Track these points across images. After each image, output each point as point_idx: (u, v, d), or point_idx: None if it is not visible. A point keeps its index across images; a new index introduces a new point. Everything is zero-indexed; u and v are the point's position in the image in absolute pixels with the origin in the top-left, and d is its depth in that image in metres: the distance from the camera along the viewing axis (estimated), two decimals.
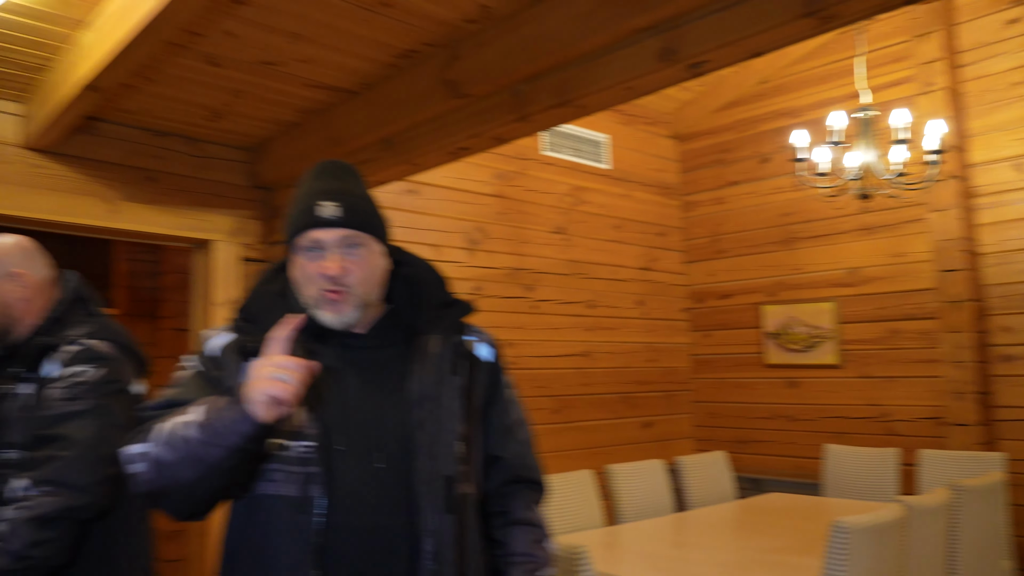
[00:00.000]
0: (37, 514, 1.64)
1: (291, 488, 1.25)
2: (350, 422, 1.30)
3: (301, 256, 1.34)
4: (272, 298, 1.41)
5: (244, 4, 2.40)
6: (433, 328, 1.40)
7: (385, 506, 1.27)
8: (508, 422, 1.48)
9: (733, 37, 2.06)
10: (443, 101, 2.71)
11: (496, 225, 4.86)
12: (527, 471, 1.48)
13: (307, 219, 1.32)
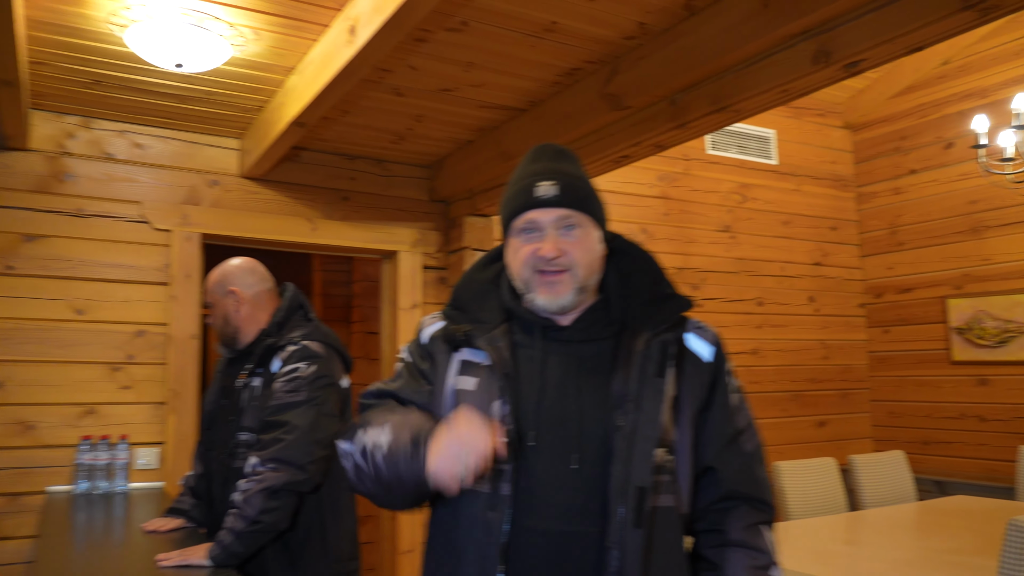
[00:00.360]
0: (266, 486, 1.97)
1: (483, 484, 1.22)
2: (546, 419, 1.25)
3: (516, 238, 1.32)
4: (483, 286, 1.40)
5: (424, 41, 2.69)
6: (644, 324, 1.31)
7: (575, 511, 1.21)
8: (729, 430, 1.34)
9: (889, 35, 2.09)
10: (604, 114, 2.88)
11: (660, 226, 4.96)
12: (749, 487, 1.33)
13: (524, 200, 1.30)
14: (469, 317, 1.34)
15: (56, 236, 3.35)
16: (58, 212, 3.37)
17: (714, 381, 1.34)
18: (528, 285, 1.31)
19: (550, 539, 1.20)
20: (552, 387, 1.27)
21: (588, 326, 1.32)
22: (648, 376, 1.26)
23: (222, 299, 2.34)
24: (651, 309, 1.32)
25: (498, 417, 1.23)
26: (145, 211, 3.52)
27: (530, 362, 1.29)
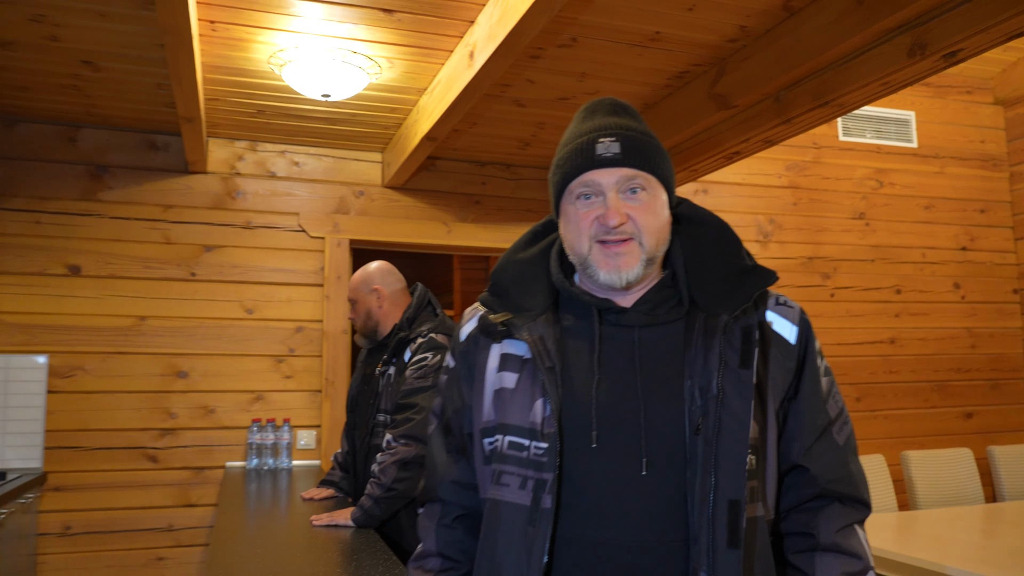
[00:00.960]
0: (398, 458, 2.28)
1: (523, 496, 1.08)
2: (604, 417, 1.08)
3: (572, 206, 1.14)
4: (526, 268, 1.22)
5: (539, 58, 2.93)
6: (721, 304, 1.11)
7: (647, 521, 1.04)
8: (820, 422, 1.15)
9: (983, 25, 2.11)
10: (713, 113, 3.00)
11: (789, 216, 4.95)
12: (843, 485, 1.15)
13: (581, 159, 1.13)
14: (510, 304, 1.17)
15: (229, 246, 3.86)
16: (230, 225, 3.88)
17: (802, 365, 1.16)
18: (587, 259, 1.13)
19: (617, 553, 1.04)
20: (612, 380, 1.09)
21: (653, 307, 1.14)
22: (731, 368, 1.06)
23: (366, 296, 2.68)
24: (728, 285, 1.12)
25: (539, 420, 1.08)
26: (302, 221, 3.98)
27: (584, 352, 1.12)
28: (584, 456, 1.07)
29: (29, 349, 3.57)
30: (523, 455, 1.09)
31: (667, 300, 1.14)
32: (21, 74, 3.09)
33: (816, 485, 1.14)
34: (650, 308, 1.14)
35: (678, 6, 2.53)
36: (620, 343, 1.12)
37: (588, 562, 1.05)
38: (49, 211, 3.64)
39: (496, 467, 1.12)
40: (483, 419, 1.16)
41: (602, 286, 1.13)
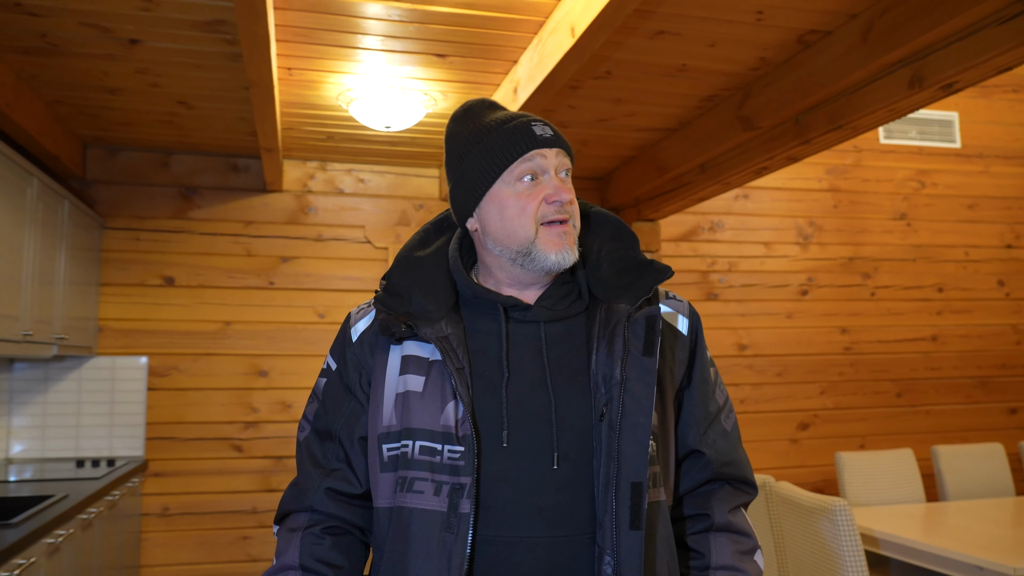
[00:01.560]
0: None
1: (438, 502, 1.04)
2: (516, 416, 1.07)
3: (510, 188, 1.10)
4: (425, 267, 1.18)
5: (577, 88, 3.23)
6: (621, 295, 1.12)
7: (560, 517, 1.04)
8: (711, 409, 1.19)
9: (975, 61, 2.32)
10: (740, 133, 3.25)
11: (829, 218, 5.13)
12: (734, 468, 1.19)
13: (523, 141, 1.09)
14: (412, 304, 1.13)
15: (303, 257, 4.28)
16: (304, 238, 4.29)
17: (693, 355, 1.19)
18: (532, 244, 1.10)
19: (535, 552, 1.03)
20: (520, 378, 1.08)
21: (556, 302, 1.13)
22: (635, 355, 1.07)
23: None
24: (628, 278, 1.14)
25: (452, 422, 1.05)
26: (368, 233, 4.37)
27: (490, 351, 1.10)
28: (497, 456, 1.05)
29: (131, 351, 4.05)
30: (435, 459, 1.05)
31: (567, 295, 1.15)
32: (125, 113, 3.54)
33: (711, 469, 1.17)
34: (553, 303, 1.13)
35: (700, 43, 2.80)
36: (526, 339, 1.11)
37: (506, 562, 1.03)
38: (146, 229, 4.11)
39: (403, 474, 1.06)
40: (383, 424, 1.10)
41: (544, 271, 1.11)
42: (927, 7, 2.25)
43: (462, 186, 1.14)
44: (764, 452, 4.83)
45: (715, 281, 4.87)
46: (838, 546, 2.48)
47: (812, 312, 5.00)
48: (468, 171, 1.13)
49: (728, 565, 1.13)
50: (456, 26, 2.70)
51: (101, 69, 3.00)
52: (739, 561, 1.14)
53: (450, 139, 1.18)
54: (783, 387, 4.92)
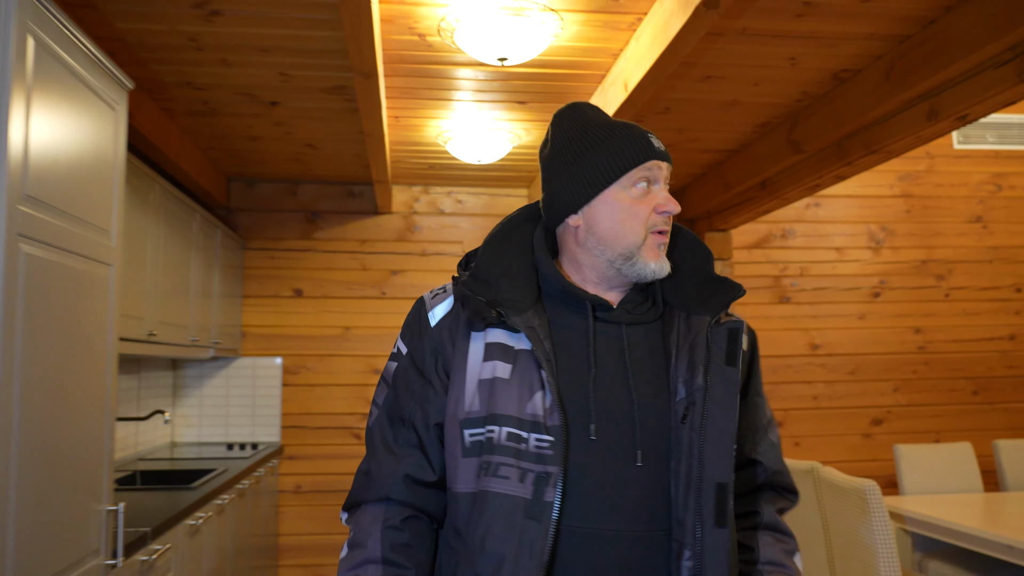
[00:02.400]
0: None
1: (523, 488, 1.06)
2: (601, 411, 1.10)
3: (626, 193, 1.13)
4: (512, 258, 1.19)
5: (642, 120, 3.69)
6: (700, 307, 1.17)
7: (639, 513, 1.08)
8: (763, 422, 1.26)
9: (983, 96, 2.64)
10: (790, 156, 3.63)
11: (902, 223, 5.35)
12: (782, 477, 1.26)
13: (642, 149, 1.13)
14: (500, 293, 1.15)
15: (410, 269, 4.90)
16: (410, 253, 4.91)
17: (751, 370, 1.26)
18: (637, 250, 1.14)
19: (617, 546, 1.06)
20: (604, 375, 1.12)
21: (635, 307, 1.18)
22: (717, 364, 1.12)
23: None
24: (706, 291, 1.19)
25: (540, 411, 1.07)
26: (465, 247, 4.95)
27: (574, 346, 1.14)
28: (583, 449, 1.07)
29: (269, 353, 4.77)
30: (521, 447, 1.06)
31: (644, 301, 1.19)
32: (263, 154, 4.25)
33: (765, 476, 1.23)
34: (633, 307, 1.17)
35: (745, 83, 3.21)
36: (609, 339, 1.14)
37: (586, 554, 1.05)
38: (279, 248, 4.83)
39: (488, 459, 1.08)
40: (465, 409, 1.12)
41: (639, 278, 1.15)
42: (937, 52, 2.60)
43: (575, 181, 1.14)
44: (837, 446, 5.12)
45: (787, 285, 5.19)
46: (869, 523, 2.85)
47: (885, 313, 5.24)
48: (585, 168, 1.14)
49: (775, 561, 1.19)
50: (533, 80, 3.22)
51: (246, 124, 3.69)
52: (785, 559, 1.20)
53: (561, 136, 1.19)
54: (856, 384, 5.19)
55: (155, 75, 3.09)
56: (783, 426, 5.09)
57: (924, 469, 3.97)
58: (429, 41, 2.85)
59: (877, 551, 2.84)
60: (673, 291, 1.19)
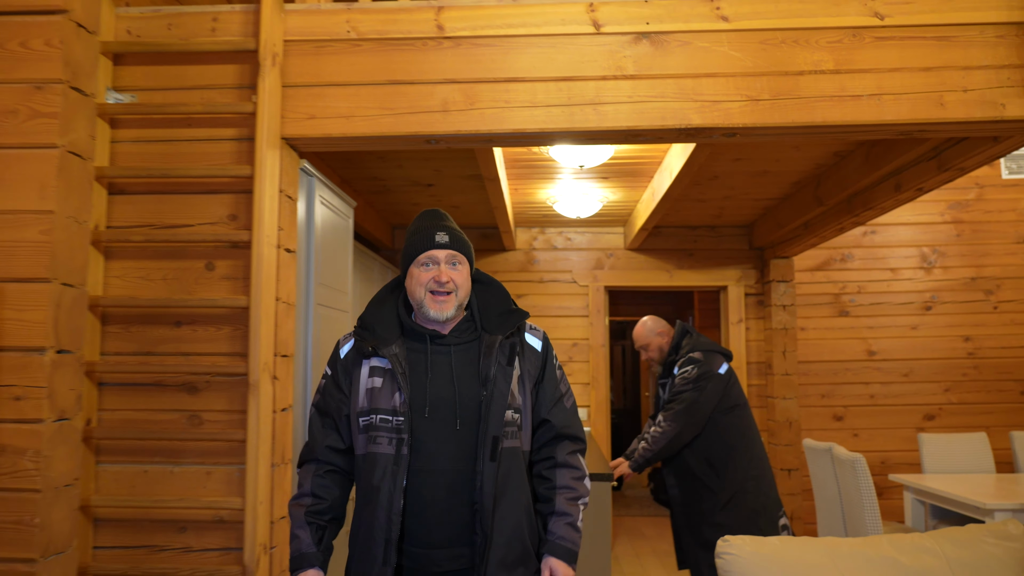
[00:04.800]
0: (663, 431, 3.71)
1: (390, 448, 1.76)
2: (434, 398, 1.78)
3: (418, 268, 1.83)
4: (382, 312, 1.90)
5: (699, 185, 4.87)
6: (497, 329, 1.85)
7: (458, 456, 1.77)
8: (555, 395, 1.93)
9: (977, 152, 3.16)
10: (816, 207, 4.70)
11: (952, 245, 6.17)
12: (569, 429, 1.92)
13: (427, 243, 1.83)
14: (375, 335, 1.83)
15: (531, 294, 6.25)
16: (530, 281, 6.27)
17: (544, 363, 1.93)
18: (422, 303, 1.81)
19: (441, 476, 1.76)
20: (437, 377, 1.80)
21: (461, 333, 1.86)
22: (501, 365, 1.81)
23: (656, 339, 3.67)
24: (501, 319, 1.88)
25: (398, 404, 1.77)
26: (574, 276, 6.26)
27: (420, 362, 1.82)
28: (422, 423, 1.78)
29: None
30: (388, 425, 1.76)
31: (468, 329, 1.88)
32: (419, 208, 5.71)
33: (554, 430, 1.91)
34: (459, 334, 1.87)
35: (768, 161, 4.34)
36: (441, 355, 1.84)
37: (427, 483, 1.76)
38: None
39: (371, 434, 1.79)
40: (359, 406, 1.84)
41: (431, 321, 1.83)
42: (890, 147, 3.65)
43: (400, 261, 1.91)
44: (892, 438, 6.03)
45: (846, 301, 6.15)
46: (856, 483, 3.93)
47: (936, 324, 6.10)
48: (403, 253, 1.89)
49: (565, 485, 1.88)
50: (610, 167, 4.50)
51: (409, 195, 5.17)
52: (572, 483, 1.89)
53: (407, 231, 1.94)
54: (909, 385, 6.07)
55: (349, 179, 4.60)
56: (843, 420, 6.05)
57: (942, 454, 4.90)
58: (534, 151, 4.19)
59: (863, 504, 3.93)
60: (486, 320, 1.89)
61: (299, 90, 2.65)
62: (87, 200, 2.24)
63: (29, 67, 2.12)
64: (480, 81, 2.64)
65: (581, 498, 1.88)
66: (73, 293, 2.18)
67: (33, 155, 2.10)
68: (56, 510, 2.12)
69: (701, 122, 2.59)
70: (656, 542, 6.36)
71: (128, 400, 2.61)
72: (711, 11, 2.63)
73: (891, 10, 2.61)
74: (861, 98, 2.58)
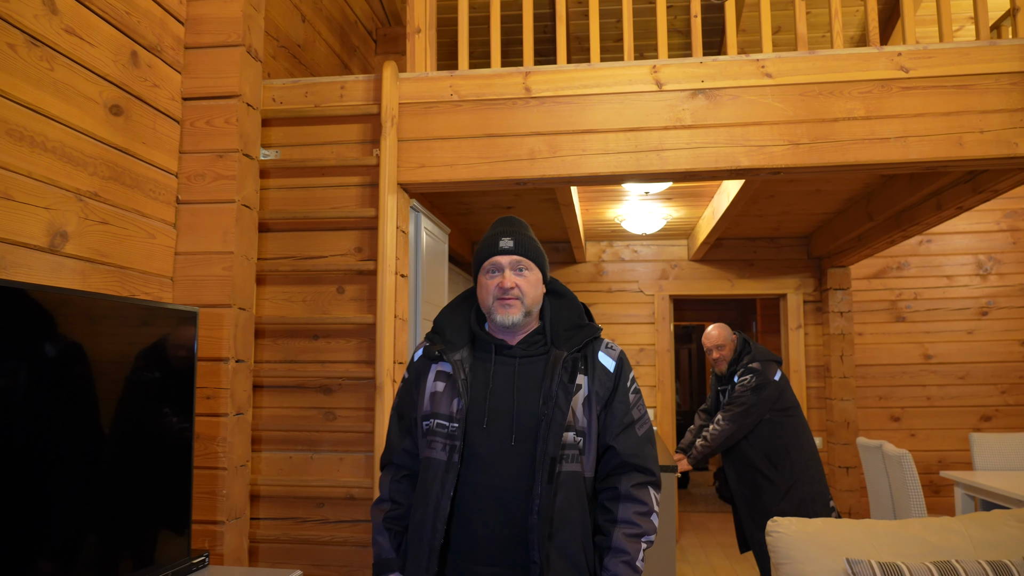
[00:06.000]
0: (720, 429, 4.25)
1: (443, 454, 1.72)
2: (492, 410, 1.73)
3: (484, 277, 1.80)
4: (455, 318, 1.88)
5: (756, 203, 5.28)
6: (565, 344, 1.77)
7: (512, 472, 1.69)
8: (625, 420, 1.79)
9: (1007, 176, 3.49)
10: (867, 221, 5.06)
11: (1008, 252, 6.41)
12: (637, 459, 1.76)
13: (491, 249, 1.79)
14: (443, 339, 1.83)
15: (600, 303, 6.74)
16: (600, 291, 6.75)
17: (616, 384, 1.80)
18: (490, 308, 1.77)
19: (491, 491, 1.69)
20: (499, 388, 1.75)
21: (528, 346, 1.80)
22: (563, 382, 1.72)
23: (729, 343, 4.04)
24: (571, 334, 1.79)
25: (454, 410, 1.74)
26: (640, 286, 6.72)
27: (484, 371, 1.78)
28: (478, 433, 1.72)
29: None
30: (444, 431, 1.74)
31: (537, 342, 1.81)
32: None
33: (620, 458, 1.77)
34: (526, 346, 1.81)
35: (821, 181, 4.74)
36: (506, 367, 1.78)
37: (478, 496, 1.70)
38: None
39: (428, 438, 1.77)
40: (423, 410, 1.81)
41: (499, 326, 1.78)
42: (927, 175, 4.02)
43: (472, 271, 1.87)
44: (949, 438, 6.30)
45: (903, 307, 6.45)
46: (903, 476, 4.30)
47: (992, 329, 6.34)
48: (473, 262, 1.86)
49: (626, 519, 1.72)
50: (675, 188, 4.96)
51: (491, 216, 5.72)
52: (635, 517, 1.72)
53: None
54: (966, 388, 6.33)
55: (438, 204, 5.18)
56: (900, 420, 6.35)
57: (993, 452, 5.19)
58: None
59: (909, 496, 4.30)
60: (555, 335, 1.81)
61: (411, 144, 3.21)
62: (254, 241, 2.84)
63: (213, 140, 2.72)
64: (561, 133, 3.15)
65: (645, 536, 1.73)
66: (245, 315, 2.78)
67: (217, 208, 2.70)
68: (235, 484, 2.71)
69: (749, 163, 3.05)
70: (720, 535, 6.77)
71: (276, 399, 3.21)
72: (757, 69, 3.09)
73: (915, 63, 3.03)
74: (889, 140, 3.01)
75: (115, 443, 1.98)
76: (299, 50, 4.17)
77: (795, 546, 2.87)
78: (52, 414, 1.75)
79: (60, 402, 1.78)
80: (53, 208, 2.10)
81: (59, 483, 1.77)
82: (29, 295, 1.70)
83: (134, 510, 2.06)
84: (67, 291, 1.83)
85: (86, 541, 1.87)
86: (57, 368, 1.77)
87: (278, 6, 3.91)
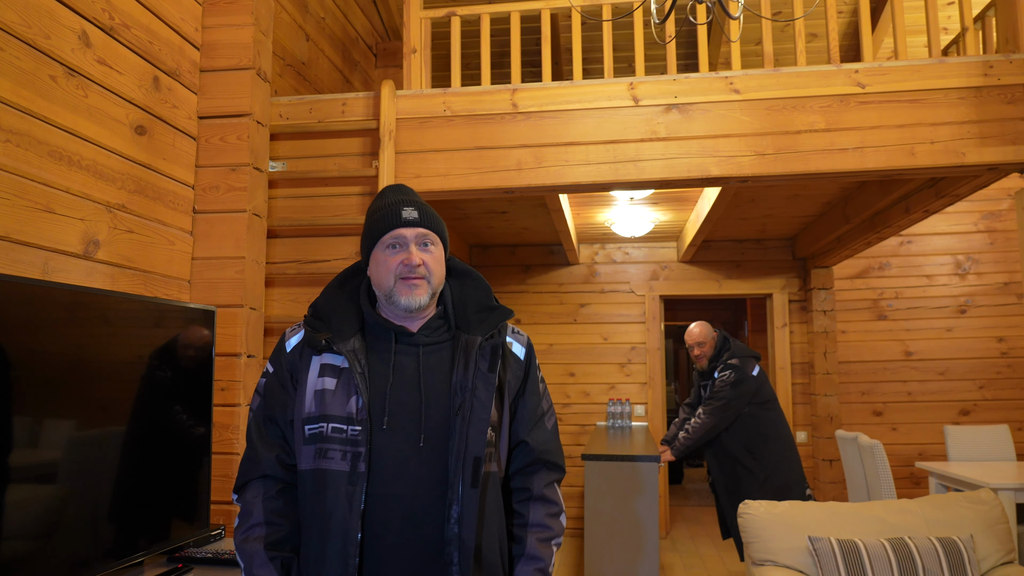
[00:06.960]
0: (702, 423, 4.79)
1: (344, 464, 1.45)
2: (396, 408, 1.49)
3: (383, 252, 1.55)
4: (340, 301, 1.61)
5: (739, 206, 5.54)
6: (475, 329, 1.57)
7: (422, 479, 1.46)
8: (537, 413, 1.64)
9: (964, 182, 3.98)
10: (844, 224, 5.32)
11: (986, 252, 6.65)
12: (549, 455, 1.63)
13: (392, 220, 1.55)
14: (330, 327, 1.55)
15: (593, 303, 7.00)
16: (592, 291, 7.02)
17: (527, 373, 1.65)
18: (391, 291, 1.53)
19: (403, 502, 1.45)
20: (401, 382, 1.52)
21: (431, 332, 1.58)
22: (482, 371, 1.53)
23: (710, 340, 4.30)
24: (481, 317, 1.59)
25: (354, 411, 1.48)
26: (632, 287, 6.97)
27: (382, 363, 1.53)
28: (380, 435, 1.48)
29: None
30: (342, 436, 1.47)
31: (440, 327, 1.59)
32: (493, 232, 6.54)
33: (533, 454, 1.62)
34: (429, 332, 1.58)
35: (796, 187, 4.99)
36: (409, 356, 1.55)
37: (386, 509, 1.45)
38: (503, 291, 7.12)
39: (320, 446, 1.48)
40: (305, 411, 1.52)
41: (403, 310, 1.54)
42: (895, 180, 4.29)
43: (361, 244, 1.61)
44: (929, 431, 6.54)
45: (884, 306, 6.69)
46: (875, 465, 4.55)
47: (970, 326, 6.59)
48: (364, 235, 1.60)
49: (539, 523, 1.59)
50: (660, 194, 5.22)
51: (486, 221, 5.99)
52: (548, 520, 1.60)
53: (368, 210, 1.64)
54: (945, 383, 6.58)
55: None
56: (882, 415, 6.60)
57: (966, 444, 5.43)
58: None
59: (880, 483, 4.55)
60: (462, 318, 1.60)
61: (408, 155, 3.48)
62: (263, 247, 3.11)
63: (226, 155, 2.99)
64: (545, 145, 3.42)
65: (555, 539, 1.61)
66: (256, 315, 3.05)
67: (231, 218, 2.97)
68: None
69: (719, 173, 3.31)
70: (710, 527, 7.02)
71: None
72: (726, 86, 3.35)
73: (871, 80, 3.29)
74: (847, 151, 3.27)
75: (151, 425, 2.24)
76: (304, 67, 4.44)
77: (763, 526, 3.14)
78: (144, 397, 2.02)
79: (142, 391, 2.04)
80: (87, 219, 2.37)
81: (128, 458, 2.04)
82: (74, 295, 1.97)
83: (168, 483, 2.32)
84: (112, 293, 2.10)
85: (147, 510, 2.13)
86: (110, 356, 2.04)
87: (283, 27, 4.18)
